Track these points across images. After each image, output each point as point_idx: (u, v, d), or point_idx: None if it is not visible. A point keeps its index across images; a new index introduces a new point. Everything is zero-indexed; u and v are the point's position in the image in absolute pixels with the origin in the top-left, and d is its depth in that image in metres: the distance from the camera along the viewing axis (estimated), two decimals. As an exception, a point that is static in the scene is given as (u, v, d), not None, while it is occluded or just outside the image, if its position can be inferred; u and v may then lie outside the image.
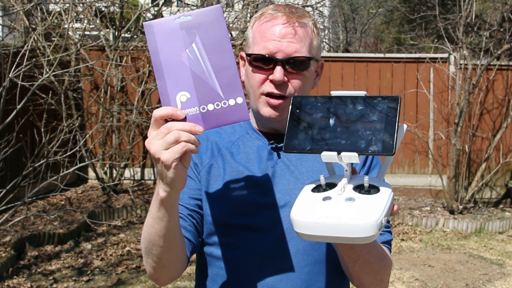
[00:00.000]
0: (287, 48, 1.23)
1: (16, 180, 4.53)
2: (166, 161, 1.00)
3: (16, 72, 4.34)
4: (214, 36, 1.05)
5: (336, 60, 7.91)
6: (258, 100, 1.27)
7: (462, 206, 6.94)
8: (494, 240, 6.15)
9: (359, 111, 0.97)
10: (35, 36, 5.63)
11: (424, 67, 7.59)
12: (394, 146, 0.92)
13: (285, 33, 1.23)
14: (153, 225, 1.14)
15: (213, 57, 1.05)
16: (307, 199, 0.98)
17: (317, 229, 0.92)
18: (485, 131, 7.52)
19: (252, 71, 1.27)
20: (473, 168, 7.46)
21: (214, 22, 1.05)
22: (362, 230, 0.90)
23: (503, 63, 7.45)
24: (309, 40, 1.26)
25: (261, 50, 1.24)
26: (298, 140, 1.00)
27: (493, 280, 4.87)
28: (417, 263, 5.25)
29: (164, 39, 1.04)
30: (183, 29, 1.04)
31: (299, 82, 1.25)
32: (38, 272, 4.75)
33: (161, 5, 7.79)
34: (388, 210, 0.93)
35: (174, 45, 1.04)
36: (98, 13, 7.38)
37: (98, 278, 4.69)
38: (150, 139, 1.03)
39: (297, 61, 1.24)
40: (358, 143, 0.94)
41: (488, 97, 7.56)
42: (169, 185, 1.04)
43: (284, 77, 1.23)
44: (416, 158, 7.80)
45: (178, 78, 1.04)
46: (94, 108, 7.45)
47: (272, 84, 1.25)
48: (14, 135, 4.74)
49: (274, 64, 1.23)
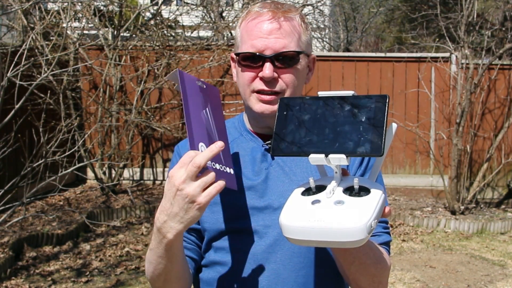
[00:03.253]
0: (274, 44, 1.22)
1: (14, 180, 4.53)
2: (203, 204, 1.03)
3: (14, 72, 4.34)
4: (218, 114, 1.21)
5: (337, 60, 7.90)
6: (250, 98, 1.27)
7: (464, 206, 6.94)
8: (496, 240, 6.15)
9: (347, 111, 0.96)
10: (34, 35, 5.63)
11: (426, 67, 7.59)
12: (383, 146, 0.90)
13: (272, 29, 1.23)
14: (159, 263, 1.16)
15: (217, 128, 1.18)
16: (296, 203, 0.96)
17: (306, 233, 0.90)
18: (487, 131, 7.52)
19: (241, 70, 1.27)
20: (475, 168, 7.46)
21: (217, 98, 1.22)
22: (351, 234, 0.88)
23: (505, 63, 7.45)
24: (297, 34, 1.25)
25: (249, 48, 1.24)
26: (286, 143, 0.98)
27: (494, 281, 4.87)
28: (418, 264, 5.25)
29: (191, 90, 1.15)
30: (202, 91, 1.18)
31: (290, 76, 1.25)
32: (37, 273, 4.75)
33: (160, 4, 7.79)
34: (378, 212, 0.91)
35: (197, 100, 1.16)
36: (97, 12, 7.38)
37: (97, 279, 4.69)
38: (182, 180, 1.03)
39: (286, 57, 1.23)
40: (346, 144, 0.92)
41: (490, 97, 7.56)
42: (185, 223, 1.05)
43: (274, 73, 1.23)
44: (418, 158, 7.80)
45: (200, 129, 1.13)
46: (93, 107, 7.46)
47: (262, 81, 1.24)
48: (12, 135, 4.74)
49: (262, 61, 1.23)
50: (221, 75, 7.77)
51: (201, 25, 8.52)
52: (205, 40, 7.82)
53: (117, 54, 7.04)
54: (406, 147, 7.75)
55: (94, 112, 7.41)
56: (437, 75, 7.64)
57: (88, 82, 7.62)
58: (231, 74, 7.56)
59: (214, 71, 7.70)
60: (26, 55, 4.47)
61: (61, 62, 6.42)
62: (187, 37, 8.08)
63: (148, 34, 7.65)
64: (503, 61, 7.39)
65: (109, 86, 7.27)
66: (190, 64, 7.37)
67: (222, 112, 1.22)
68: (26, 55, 4.46)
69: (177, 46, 7.47)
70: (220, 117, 1.21)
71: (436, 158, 7.45)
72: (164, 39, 7.58)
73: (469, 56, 7.01)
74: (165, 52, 7.26)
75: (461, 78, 6.97)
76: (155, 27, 7.76)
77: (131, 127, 7.24)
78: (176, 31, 8.52)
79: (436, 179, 7.53)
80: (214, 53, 7.33)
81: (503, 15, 8.87)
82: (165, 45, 7.41)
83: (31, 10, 6.37)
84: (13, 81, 4.40)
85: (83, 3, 6.65)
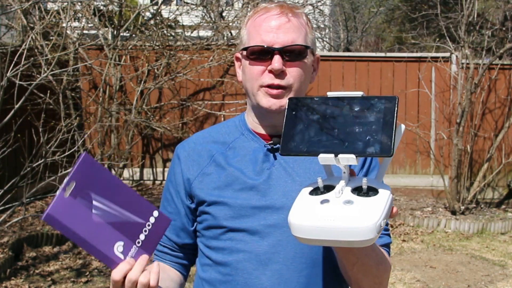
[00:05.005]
0: (284, 38, 1.24)
1: (14, 181, 4.52)
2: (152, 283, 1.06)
3: (14, 72, 4.34)
4: (102, 181, 1.07)
5: (337, 59, 7.90)
6: (257, 92, 1.28)
7: (464, 206, 6.95)
8: (496, 241, 6.15)
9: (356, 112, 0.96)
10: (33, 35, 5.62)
11: (426, 67, 7.59)
12: (392, 147, 0.91)
13: (280, 24, 1.25)
14: None
15: (114, 198, 1.08)
16: (305, 202, 0.97)
17: (315, 232, 0.91)
18: (487, 131, 7.52)
19: (249, 63, 1.28)
20: (475, 169, 7.46)
21: (92, 170, 1.07)
22: (361, 233, 0.89)
23: (505, 62, 7.44)
24: (304, 30, 1.28)
25: (258, 42, 1.25)
26: (295, 143, 0.99)
27: (495, 281, 4.87)
28: (419, 264, 5.25)
29: (69, 218, 1.03)
30: (76, 195, 1.04)
31: (298, 70, 1.26)
32: (36, 273, 4.76)
33: (160, 4, 7.79)
34: (387, 212, 0.92)
35: (80, 215, 1.04)
36: (97, 11, 7.38)
37: (97, 279, 4.69)
38: None
39: (294, 50, 1.25)
40: (356, 145, 0.93)
41: (490, 97, 7.56)
42: None
43: (283, 66, 1.24)
44: (418, 158, 7.80)
45: (104, 237, 1.07)
46: (92, 107, 7.45)
47: (271, 74, 1.25)
48: (12, 135, 4.74)
49: (271, 55, 1.24)
50: (221, 75, 7.77)
51: (201, 25, 8.52)
52: (205, 40, 7.82)
53: (117, 54, 7.04)
54: (407, 147, 7.75)
55: (94, 112, 7.41)
56: (437, 75, 7.64)
57: (88, 82, 7.62)
58: (231, 74, 7.65)
59: (214, 71, 7.70)
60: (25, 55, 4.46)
61: (60, 62, 6.42)
62: (187, 37, 8.08)
63: (148, 34, 7.65)
64: (504, 61, 7.38)
65: (109, 86, 7.26)
66: (190, 64, 7.37)
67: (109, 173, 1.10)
68: (25, 55, 4.46)
69: (177, 46, 7.47)
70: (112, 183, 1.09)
71: (436, 158, 7.45)
72: (164, 39, 7.58)
73: (469, 56, 7.01)
74: (165, 52, 7.27)
75: (461, 78, 6.97)
76: (155, 27, 7.76)
77: (131, 127, 7.24)
78: (176, 31, 8.52)
79: (437, 179, 7.53)
80: (214, 53, 7.33)
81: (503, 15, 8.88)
82: (165, 45, 7.41)
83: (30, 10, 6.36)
84: (13, 81, 4.40)
85: (82, 3, 6.65)
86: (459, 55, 7.22)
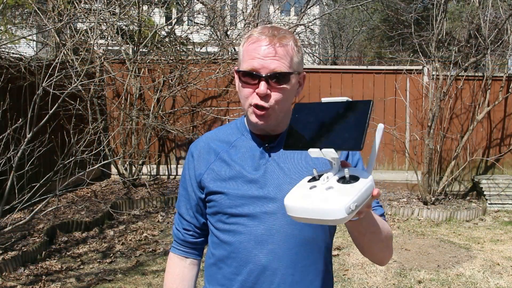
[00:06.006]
0: (269, 65, 1.26)
1: (49, 175, 4.53)
2: None
3: (48, 82, 4.34)
4: None
5: (325, 72, 7.90)
6: (248, 109, 1.32)
7: (434, 198, 6.94)
8: (462, 227, 6.15)
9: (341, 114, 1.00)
10: (65, 50, 5.62)
11: (402, 78, 7.58)
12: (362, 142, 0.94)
13: (268, 53, 1.26)
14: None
15: None
16: (299, 188, 1.02)
17: (301, 212, 0.96)
18: (454, 133, 7.51)
19: (242, 86, 1.32)
20: (444, 165, 7.45)
21: None
22: (331, 213, 0.92)
23: (469, 74, 7.43)
24: (289, 57, 1.29)
25: (248, 67, 1.28)
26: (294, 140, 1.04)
27: (461, 262, 4.87)
28: (395, 247, 5.25)
29: None
30: None
31: (279, 95, 1.29)
32: (68, 255, 4.75)
33: (174, 24, 7.80)
34: (360, 196, 0.94)
35: None
36: (119, 30, 7.38)
37: (120, 260, 4.69)
38: None
39: (278, 76, 1.27)
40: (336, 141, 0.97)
41: (457, 104, 7.55)
42: None
43: (267, 90, 1.26)
44: (395, 156, 7.79)
45: None
46: (116, 113, 7.45)
47: (257, 96, 1.28)
48: (47, 137, 4.74)
49: (259, 80, 1.27)
50: (226, 85, 7.77)
51: (209, 42, 8.51)
52: (212, 55, 7.82)
53: (137, 67, 7.04)
54: (385, 146, 7.74)
55: (117, 117, 7.41)
56: (411, 85, 7.63)
57: (112, 91, 7.62)
58: (234, 84, 7.63)
59: (220, 81, 7.70)
60: (58, 68, 4.46)
61: (88, 74, 6.41)
62: (197, 52, 8.07)
63: (163, 50, 7.65)
64: (468, 73, 7.37)
65: (129, 94, 7.26)
66: (200, 75, 7.37)
67: None
68: (58, 67, 4.46)
69: (188, 60, 7.46)
70: None
71: (410, 156, 7.45)
72: (177, 54, 7.57)
73: (439, 68, 7.01)
74: (178, 65, 7.26)
75: (432, 88, 6.96)
76: (169, 43, 7.76)
77: (149, 129, 7.24)
78: (187, 47, 8.51)
79: (411, 174, 7.52)
80: (220, 66, 7.33)
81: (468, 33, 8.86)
82: (178, 59, 7.41)
83: (63, 29, 6.36)
84: (47, 90, 4.40)
85: (107, 23, 6.65)
86: (430, 68, 7.22)
